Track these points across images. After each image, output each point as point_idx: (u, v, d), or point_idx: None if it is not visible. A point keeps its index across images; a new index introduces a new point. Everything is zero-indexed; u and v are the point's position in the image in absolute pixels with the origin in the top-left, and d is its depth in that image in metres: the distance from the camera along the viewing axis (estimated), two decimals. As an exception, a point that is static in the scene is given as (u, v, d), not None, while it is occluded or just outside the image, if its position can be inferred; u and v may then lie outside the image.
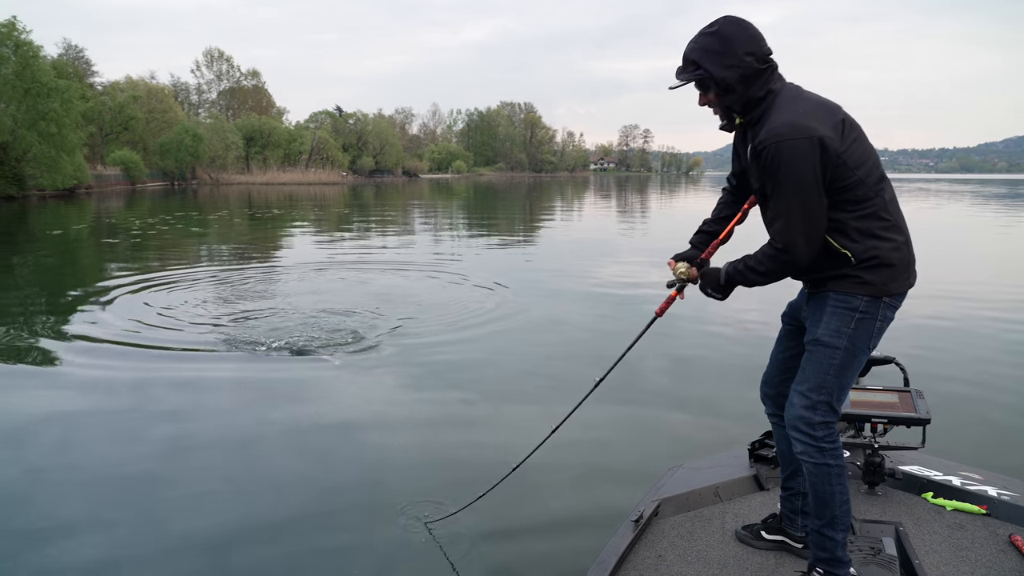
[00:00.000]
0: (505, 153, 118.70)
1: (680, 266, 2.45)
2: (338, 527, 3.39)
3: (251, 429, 4.65)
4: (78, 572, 3.03)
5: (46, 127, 32.69)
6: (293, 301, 8.76)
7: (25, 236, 19.02)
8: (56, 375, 5.77)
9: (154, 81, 67.80)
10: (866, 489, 2.86)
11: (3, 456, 4.17)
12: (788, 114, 2.05)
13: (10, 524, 3.39)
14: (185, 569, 3.05)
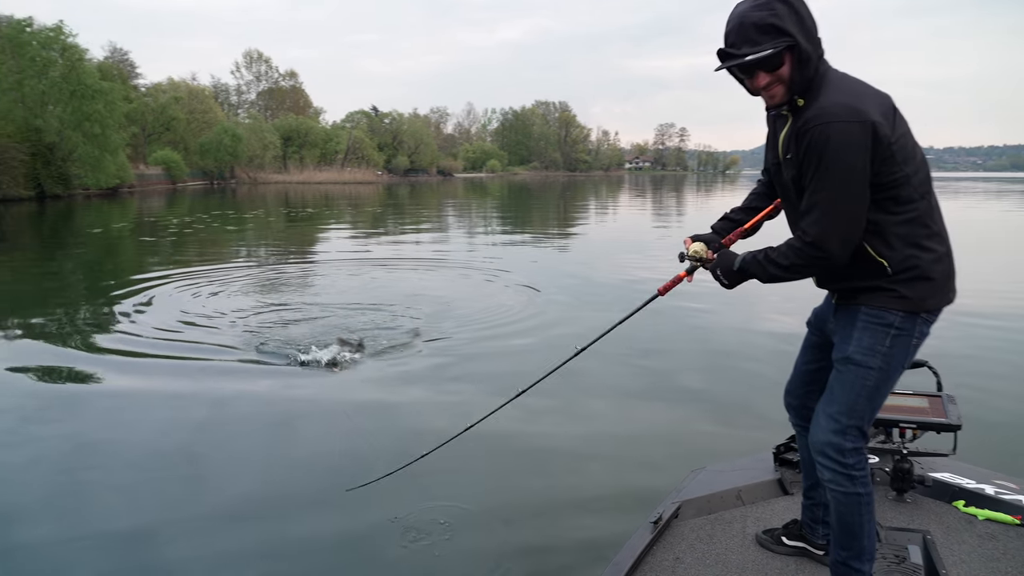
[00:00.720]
0: (539, 152, 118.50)
1: (696, 245, 2.26)
2: (331, 515, 3.37)
3: (279, 435, 4.66)
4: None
5: (90, 128, 33.58)
6: (326, 300, 8.82)
7: (68, 234, 19.55)
8: (86, 375, 5.88)
9: (195, 82, 69.30)
10: (894, 496, 2.77)
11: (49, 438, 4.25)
12: (840, 95, 1.87)
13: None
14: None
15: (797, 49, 1.87)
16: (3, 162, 29.53)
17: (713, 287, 2.28)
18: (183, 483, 3.80)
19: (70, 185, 33.55)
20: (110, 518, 3.42)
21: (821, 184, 1.87)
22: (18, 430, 4.55)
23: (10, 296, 9.68)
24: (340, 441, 4.38)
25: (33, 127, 32.19)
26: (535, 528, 3.41)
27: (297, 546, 3.16)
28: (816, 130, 1.84)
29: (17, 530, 3.32)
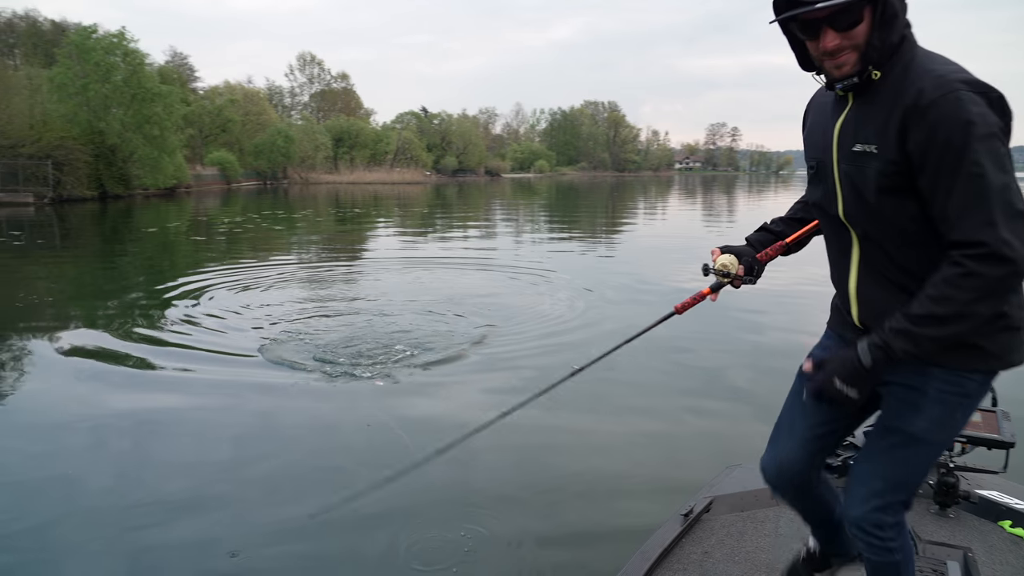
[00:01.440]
0: (588, 152, 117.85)
1: (724, 258, 1.89)
2: (376, 526, 3.20)
3: (325, 441, 4.54)
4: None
5: (150, 130, 34.59)
6: (371, 300, 8.74)
7: (126, 233, 20.10)
8: (130, 373, 5.87)
9: (250, 85, 70.99)
10: (936, 510, 2.67)
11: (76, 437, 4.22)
12: (952, 67, 1.46)
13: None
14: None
15: (881, 2, 1.45)
16: (69, 163, 30.58)
17: (761, 288, 2.00)
18: (225, 484, 3.69)
19: (130, 185, 34.59)
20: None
21: (971, 172, 1.38)
22: (80, 412, 4.67)
23: (72, 290, 9.90)
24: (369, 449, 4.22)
25: (96, 130, 33.29)
26: (564, 515, 3.48)
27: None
28: (944, 103, 1.39)
29: (82, 497, 3.60)
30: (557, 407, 4.95)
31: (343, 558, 3.12)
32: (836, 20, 1.48)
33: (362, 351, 6.19)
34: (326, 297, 9.08)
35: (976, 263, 1.38)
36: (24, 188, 28.90)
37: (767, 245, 1.96)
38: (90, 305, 8.81)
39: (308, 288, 9.81)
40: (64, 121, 32.55)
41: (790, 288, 9.86)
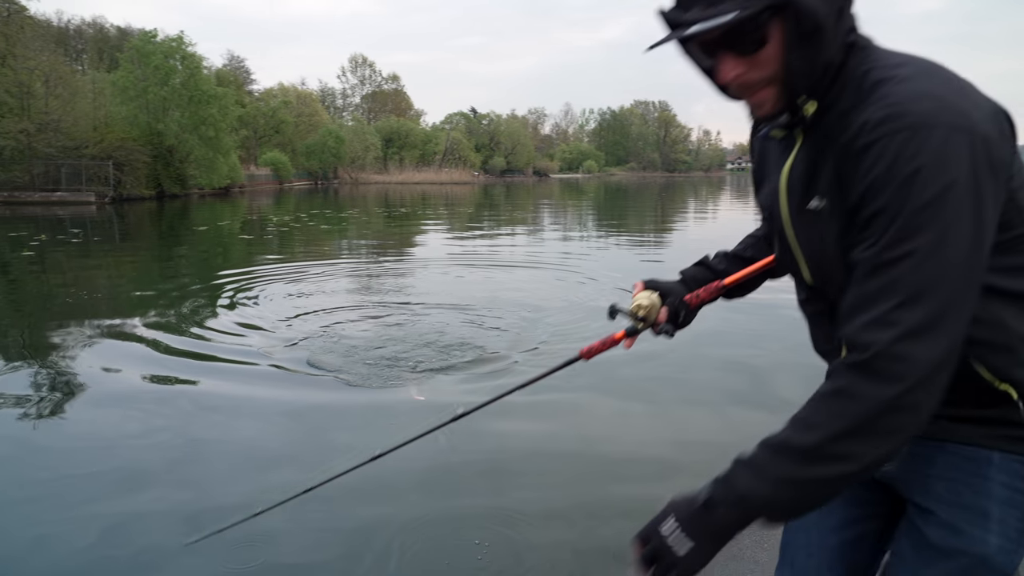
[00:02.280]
0: (637, 152, 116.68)
1: (643, 296, 1.49)
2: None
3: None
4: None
5: (205, 131, 35.56)
6: (413, 300, 8.66)
7: (181, 231, 20.61)
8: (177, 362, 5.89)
9: (303, 87, 72.48)
10: None
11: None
12: (922, 82, 0.99)
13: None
14: None
15: (792, 10, 0.99)
16: (129, 164, 31.63)
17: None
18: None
19: (186, 185, 35.61)
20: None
21: (902, 233, 0.95)
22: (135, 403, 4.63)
23: (125, 286, 10.11)
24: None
25: (155, 131, 34.37)
26: (602, 517, 3.35)
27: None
28: (887, 143, 0.96)
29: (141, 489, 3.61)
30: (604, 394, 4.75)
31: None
32: (731, 41, 1.04)
33: (399, 353, 6.08)
34: (368, 296, 9.03)
35: (856, 374, 0.95)
36: (87, 188, 29.99)
37: (702, 284, 1.54)
38: (137, 299, 8.95)
39: (350, 286, 9.78)
40: (125, 123, 33.71)
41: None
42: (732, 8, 0.98)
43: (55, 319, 7.96)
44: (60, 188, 29.61)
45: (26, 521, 3.33)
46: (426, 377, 5.46)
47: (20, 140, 29.13)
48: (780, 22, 1.01)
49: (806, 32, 1.01)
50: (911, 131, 0.94)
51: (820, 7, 1.00)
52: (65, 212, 25.05)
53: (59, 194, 29.21)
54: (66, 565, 2.99)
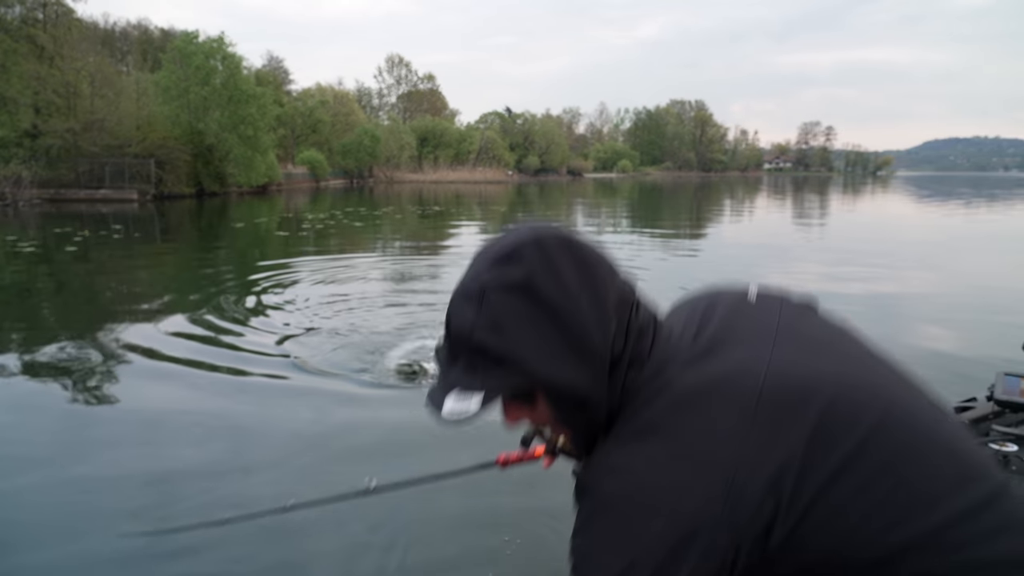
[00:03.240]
0: (673, 152, 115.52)
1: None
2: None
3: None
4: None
5: (244, 130, 36.12)
6: (439, 298, 8.64)
7: (219, 228, 20.97)
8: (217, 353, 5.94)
9: (340, 86, 73.22)
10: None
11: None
12: (630, 456, 0.90)
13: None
14: None
15: (542, 386, 0.94)
16: (170, 162, 32.29)
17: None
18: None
19: (225, 183, 36.22)
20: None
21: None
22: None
23: (168, 281, 10.30)
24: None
25: (196, 130, 35.03)
26: None
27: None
28: (576, 508, 0.94)
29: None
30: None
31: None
32: (511, 400, 0.99)
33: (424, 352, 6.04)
34: (397, 293, 9.03)
35: None
36: (129, 185, 30.69)
37: None
38: (174, 293, 9.09)
39: (382, 283, 9.81)
40: (167, 122, 34.42)
41: (894, 292, 9.14)
42: (480, 388, 0.92)
43: (96, 310, 8.11)
44: (104, 186, 30.34)
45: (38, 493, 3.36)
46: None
47: (67, 139, 29.93)
48: (542, 391, 0.95)
49: (565, 405, 0.96)
50: (590, 505, 0.90)
51: (577, 378, 0.92)
52: (108, 209, 25.67)
53: (103, 192, 29.94)
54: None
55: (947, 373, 5.51)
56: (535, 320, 0.91)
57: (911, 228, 22.71)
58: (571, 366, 0.92)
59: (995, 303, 8.78)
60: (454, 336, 0.95)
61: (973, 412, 2.92)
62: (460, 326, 0.93)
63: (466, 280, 0.96)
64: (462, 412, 0.91)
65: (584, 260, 0.94)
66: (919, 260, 13.17)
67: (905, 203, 39.17)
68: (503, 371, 0.91)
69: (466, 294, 0.94)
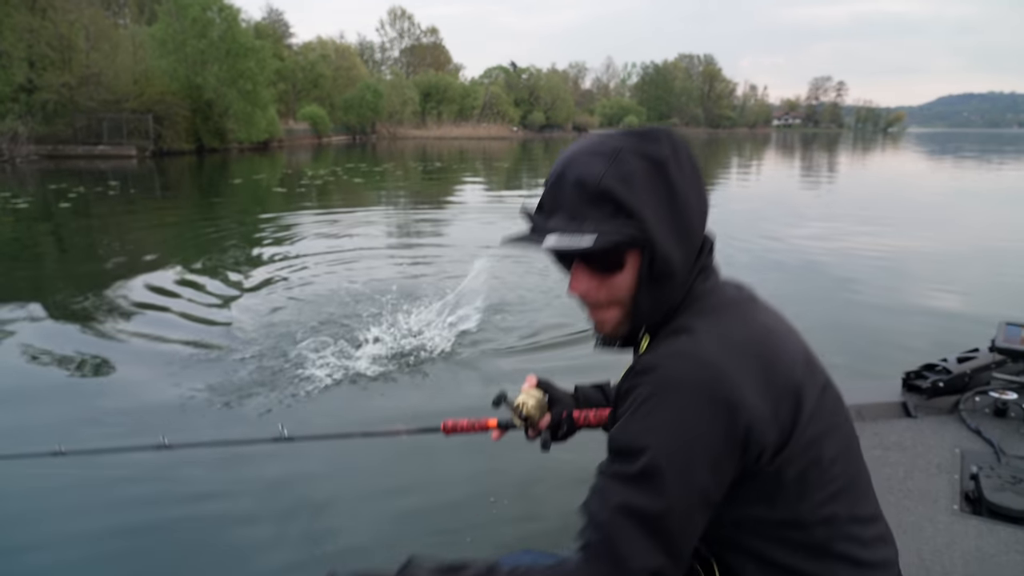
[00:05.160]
0: (680, 108, 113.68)
1: (529, 395, 1.42)
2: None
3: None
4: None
5: (243, 85, 35.45)
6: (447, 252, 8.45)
7: (217, 184, 20.70)
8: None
9: (342, 40, 71.81)
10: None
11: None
12: (698, 343, 1.00)
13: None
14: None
15: (649, 251, 1.02)
16: (168, 118, 31.82)
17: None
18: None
19: (225, 139, 35.75)
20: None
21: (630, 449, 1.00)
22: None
23: (160, 240, 10.14)
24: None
25: (194, 85, 34.41)
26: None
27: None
28: (638, 392, 0.99)
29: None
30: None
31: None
32: (587, 258, 1.07)
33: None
34: (399, 248, 8.85)
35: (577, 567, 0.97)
36: (128, 141, 30.30)
37: (595, 406, 1.47)
38: (166, 251, 8.92)
39: (379, 240, 9.62)
40: (165, 77, 33.80)
41: (892, 251, 8.96)
42: (592, 232, 0.99)
43: (85, 267, 7.96)
44: (102, 142, 29.96)
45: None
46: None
47: (63, 94, 29.46)
48: (637, 255, 1.04)
49: (658, 274, 1.04)
50: (655, 387, 0.97)
51: (676, 255, 1.03)
52: (107, 165, 25.39)
53: (101, 148, 29.58)
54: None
55: (947, 329, 5.47)
56: (658, 191, 1.01)
57: (914, 187, 22.37)
58: (675, 241, 1.03)
59: (996, 259, 8.61)
60: (573, 183, 1.01)
61: (975, 362, 3.02)
62: (586, 174, 1.00)
63: (590, 144, 1.04)
64: (571, 245, 0.99)
65: (696, 165, 1.07)
66: (920, 219, 12.92)
67: (915, 161, 38.63)
68: (622, 221, 1.00)
69: (596, 151, 1.02)
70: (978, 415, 2.89)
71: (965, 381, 3.01)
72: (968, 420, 2.83)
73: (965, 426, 2.80)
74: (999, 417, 2.86)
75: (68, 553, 2.70)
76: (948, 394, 3.01)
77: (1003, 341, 2.93)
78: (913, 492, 2.36)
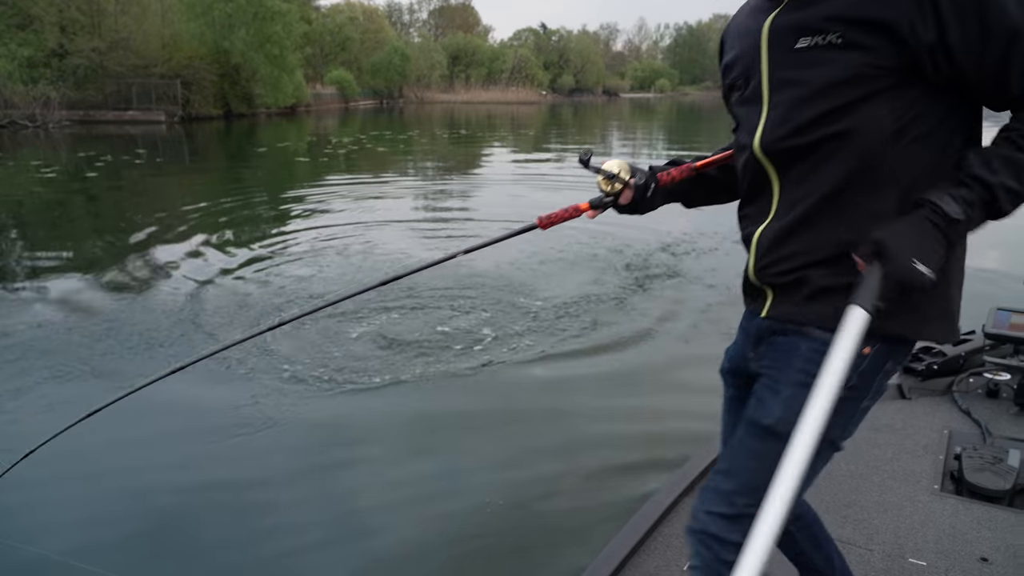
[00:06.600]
0: (714, 71, 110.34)
1: (614, 162, 1.44)
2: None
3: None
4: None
5: (270, 49, 35.21)
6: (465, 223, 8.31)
7: (244, 151, 20.70)
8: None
9: (369, 2, 70.94)
10: (1016, 411, 2.87)
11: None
12: None
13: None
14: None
15: None
16: (196, 83, 31.79)
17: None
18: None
19: (253, 104, 35.69)
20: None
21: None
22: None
23: (181, 209, 10.15)
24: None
25: (222, 49, 34.27)
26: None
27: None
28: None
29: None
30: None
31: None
32: None
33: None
34: (419, 224, 8.73)
35: None
36: (156, 107, 30.41)
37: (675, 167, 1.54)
38: (183, 221, 8.91)
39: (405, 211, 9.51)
40: (193, 41, 33.69)
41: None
42: None
43: (104, 239, 7.99)
44: (131, 107, 30.11)
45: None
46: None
47: (92, 59, 29.56)
48: None
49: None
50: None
51: None
52: (137, 131, 25.54)
53: (131, 113, 29.74)
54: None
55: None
56: None
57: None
58: None
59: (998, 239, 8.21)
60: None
61: (970, 344, 3.17)
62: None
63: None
64: None
65: None
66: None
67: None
68: None
69: None
70: (970, 396, 3.02)
71: (960, 363, 3.16)
72: (960, 401, 2.95)
73: (956, 407, 2.91)
74: (991, 398, 2.99)
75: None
76: (943, 376, 3.15)
77: (992, 327, 3.04)
78: (898, 473, 2.43)
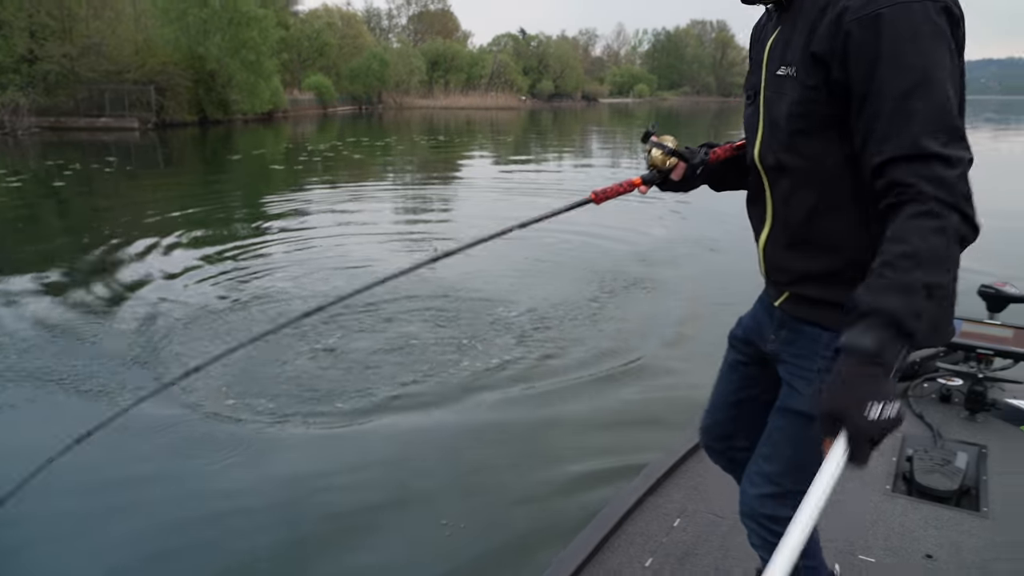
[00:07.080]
0: (691, 76, 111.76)
1: (670, 139, 1.57)
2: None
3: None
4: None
5: (246, 55, 34.90)
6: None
7: (220, 157, 20.47)
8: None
9: (348, 7, 70.71)
10: (966, 415, 2.98)
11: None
12: None
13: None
14: None
15: None
16: (171, 89, 31.42)
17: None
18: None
19: (229, 110, 35.31)
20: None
21: (895, 69, 1.12)
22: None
23: (142, 224, 9.99)
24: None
25: (196, 55, 33.92)
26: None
27: None
28: (860, 21, 1.15)
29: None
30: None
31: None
32: None
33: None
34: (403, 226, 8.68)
35: (933, 177, 1.12)
36: (130, 113, 30.01)
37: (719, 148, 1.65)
38: (150, 231, 8.78)
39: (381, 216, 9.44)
40: (167, 46, 33.32)
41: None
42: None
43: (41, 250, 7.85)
44: (104, 114, 29.67)
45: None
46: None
47: (64, 64, 29.11)
48: None
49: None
50: (874, 13, 1.13)
51: None
52: (109, 138, 25.17)
53: (103, 120, 29.31)
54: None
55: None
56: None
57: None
58: None
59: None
60: None
61: (925, 350, 3.22)
62: None
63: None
64: None
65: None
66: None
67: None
68: None
69: None
70: (924, 401, 3.11)
71: (915, 368, 3.24)
72: (914, 405, 3.02)
73: (911, 411, 2.97)
74: (944, 403, 3.08)
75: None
76: (900, 381, 3.20)
77: None
78: (853, 474, 2.55)
